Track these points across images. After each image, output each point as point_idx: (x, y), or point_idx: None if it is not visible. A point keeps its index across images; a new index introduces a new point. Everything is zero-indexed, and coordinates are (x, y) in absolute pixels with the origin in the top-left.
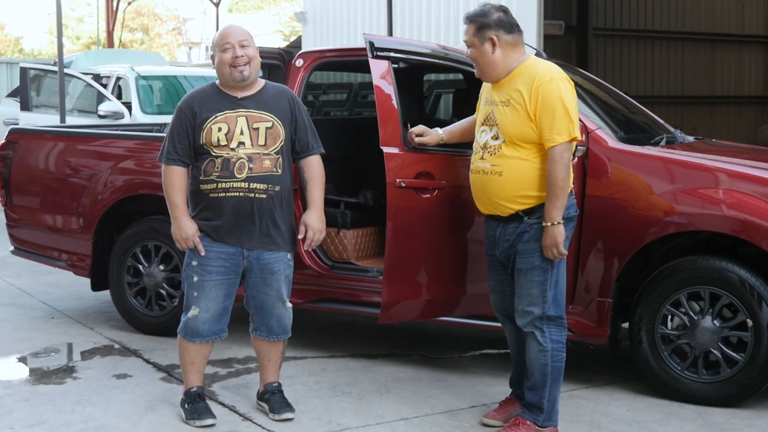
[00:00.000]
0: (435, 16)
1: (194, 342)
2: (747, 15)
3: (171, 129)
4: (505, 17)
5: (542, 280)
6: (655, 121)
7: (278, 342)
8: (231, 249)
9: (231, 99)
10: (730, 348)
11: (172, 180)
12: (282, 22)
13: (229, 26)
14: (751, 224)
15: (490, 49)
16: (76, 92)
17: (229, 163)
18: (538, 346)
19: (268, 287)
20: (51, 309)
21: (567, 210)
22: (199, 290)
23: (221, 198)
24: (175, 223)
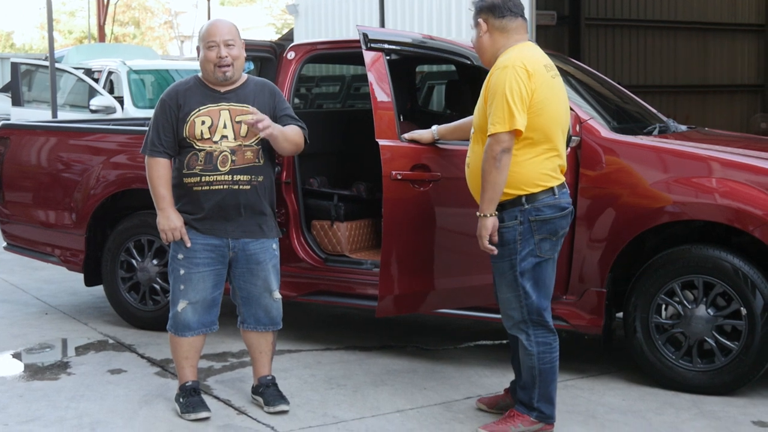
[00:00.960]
0: (427, 8)
1: (185, 336)
2: (739, 3)
3: (155, 121)
4: (498, 1)
5: (515, 286)
6: (647, 111)
7: (267, 333)
8: (216, 240)
9: (214, 93)
10: (724, 336)
11: (158, 172)
12: (274, 15)
13: (215, 22)
14: (744, 213)
15: (479, 33)
16: (67, 87)
17: (212, 156)
18: (525, 349)
19: (255, 277)
20: (44, 305)
21: (540, 211)
22: (186, 283)
23: (205, 191)
24: (162, 214)
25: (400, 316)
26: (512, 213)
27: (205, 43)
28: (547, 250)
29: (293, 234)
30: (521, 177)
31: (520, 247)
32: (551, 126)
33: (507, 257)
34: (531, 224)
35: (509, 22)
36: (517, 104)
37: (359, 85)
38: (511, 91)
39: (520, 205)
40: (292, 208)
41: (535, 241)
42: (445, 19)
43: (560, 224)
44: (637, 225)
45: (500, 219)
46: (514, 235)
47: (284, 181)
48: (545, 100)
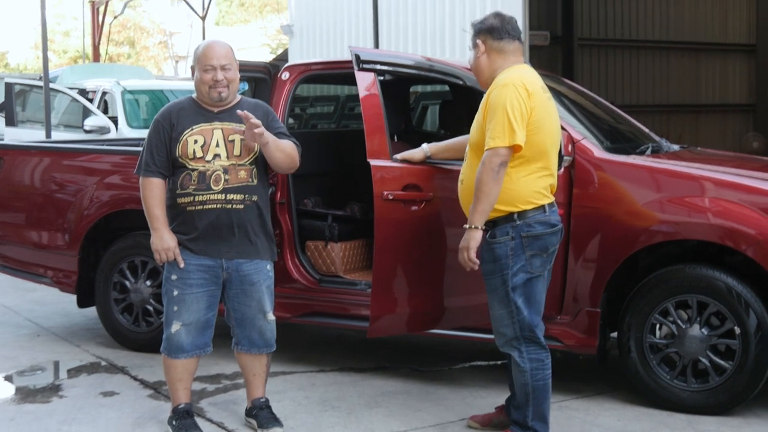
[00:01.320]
0: (421, 29)
1: (179, 358)
2: (730, 24)
3: (149, 142)
4: (497, 23)
5: (507, 302)
6: (640, 130)
7: (261, 356)
8: (210, 261)
9: (207, 113)
10: (718, 356)
11: (152, 192)
12: (269, 35)
13: (212, 45)
14: (737, 232)
15: (477, 54)
16: (61, 107)
17: (204, 175)
18: (517, 367)
19: (249, 299)
20: (37, 326)
21: (531, 227)
22: (179, 304)
23: (199, 211)
24: (156, 234)
25: (393, 337)
26: (504, 229)
27: (201, 66)
28: (537, 267)
29: (287, 254)
30: (515, 194)
31: (511, 262)
32: (547, 145)
33: (499, 273)
34: (522, 240)
35: (507, 44)
36: (518, 120)
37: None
38: (512, 107)
39: (512, 222)
40: (286, 228)
41: (527, 257)
42: (439, 39)
43: (550, 241)
44: (631, 244)
45: (492, 235)
46: (505, 251)
47: (278, 201)
48: (542, 120)
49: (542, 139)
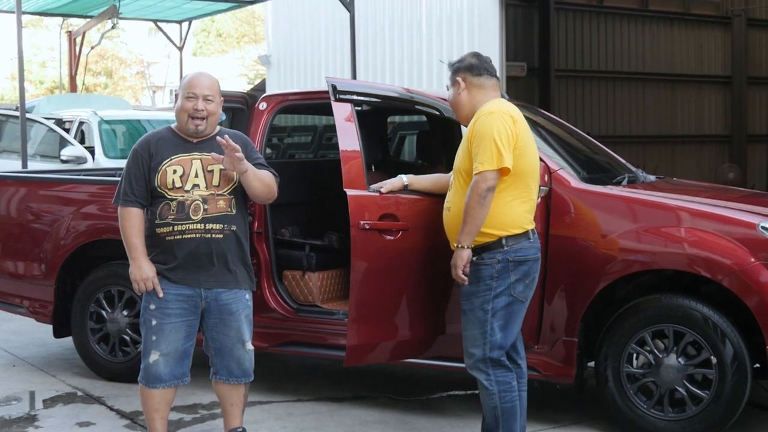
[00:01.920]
0: (399, 60)
1: (156, 388)
2: (705, 56)
3: (127, 171)
4: (476, 61)
5: (483, 321)
6: (617, 161)
7: (239, 385)
8: (189, 291)
9: (186, 143)
10: (695, 385)
11: (130, 221)
12: (246, 66)
13: (199, 76)
14: (713, 262)
15: (457, 90)
16: (38, 137)
17: (183, 205)
18: (485, 390)
19: (228, 328)
20: (12, 357)
21: (517, 252)
22: (157, 334)
23: (178, 240)
24: (134, 264)
25: (371, 366)
26: (492, 254)
27: (184, 93)
28: (520, 291)
29: (265, 284)
30: (504, 219)
31: (495, 284)
32: (530, 170)
33: (482, 293)
34: (509, 264)
35: (486, 80)
36: (505, 145)
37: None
38: (498, 133)
39: (500, 247)
40: (264, 257)
41: (511, 281)
42: (416, 70)
43: (533, 267)
44: (608, 274)
45: (480, 258)
46: (491, 273)
47: (256, 231)
48: (525, 146)
49: (526, 164)
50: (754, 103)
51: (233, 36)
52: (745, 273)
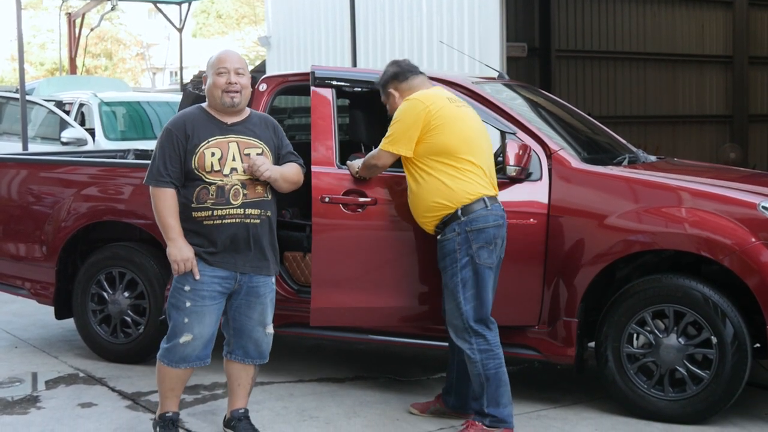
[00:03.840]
0: (399, 40)
1: (179, 368)
2: (707, 36)
3: (161, 151)
4: (398, 68)
5: (455, 293)
6: (617, 141)
7: (250, 366)
8: (225, 273)
9: (221, 124)
10: (695, 365)
11: (166, 202)
12: (246, 47)
13: (227, 52)
14: (714, 242)
15: (394, 101)
16: (38, 119)
17: (223, 190)
18: (469, 358)
19: (252, 310)
20: (14, 338)
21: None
22: (191, 316)
23: (217, 225)
24: (173, 244)
25: (372, 347)
26: (452, 227)
27: (215, 70)
28: (485, 258)
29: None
30: (453, 192)
31: (459, 255)
32: (455, 145)
33: (449, 267)
34: (468, 234)
35: (412, 80)
36: (399, 130)
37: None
38: (400, 117)
39: (457, 219)
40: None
41: (474, 250)
42: (417, 50)
43: (495, 233)
44: (608, 255)
45: (441, 233)
46: (453, 246)
47: None
48: (445, 124)
49: (448, 139)
50: (756, 83)
51: (233, 17)
52: (746, 253)
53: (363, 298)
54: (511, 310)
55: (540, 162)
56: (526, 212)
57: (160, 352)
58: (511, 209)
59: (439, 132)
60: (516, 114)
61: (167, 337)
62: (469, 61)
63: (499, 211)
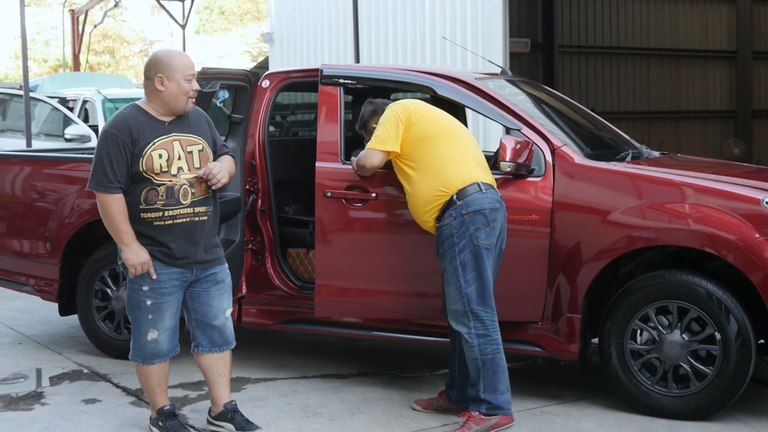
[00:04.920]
0: (402, 36)
1: (154, 364)
2: (710, 31)
3: (107, 156)
4: (372, 107)
5: (455, 276)
6: (621, 137)
7: (224, 353)
8: (180, 270)
9: (161, 124)
10: (699, 361)
11: (117, 208)
12: (249, 43)
13: (186, 56)
14: (717, 238)
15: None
16: (42, 116)
17: (173, 190)
18: (467, 343)
19: (211, 298)
20: (18, 334)
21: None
22: (154, 312)
23: (168, 225)
24: (129, 249)
25: (375, 343)
26: (449, 212)
27: (183, 75)
28: (483, 239)
29: (269, 262)
30: (448, 179)
31: (457, 239)
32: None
33: (448, 251)
34: (464, 217)
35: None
36: (383, 129)
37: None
38: (389, 118)
39: (453, 204)
40: (268, 236)
41: (471, 232)
42: (420, 47)
43: (492, 216)
44: (612, 250)
45: (439, 219)
46: (450, 231)
47: (260, 209)
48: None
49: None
50: (760, 78)
51: (236, 13)
52: (750, 249)
53: (365, 290)
54: (515, 306)
55: (543, 158)
56: (529, 208)
57: (131, 353)
58: (514, 205)
59: (420, 124)
60: (519, 110)
61: (133, 338)
62: (472, 57)
63: (495, 195)
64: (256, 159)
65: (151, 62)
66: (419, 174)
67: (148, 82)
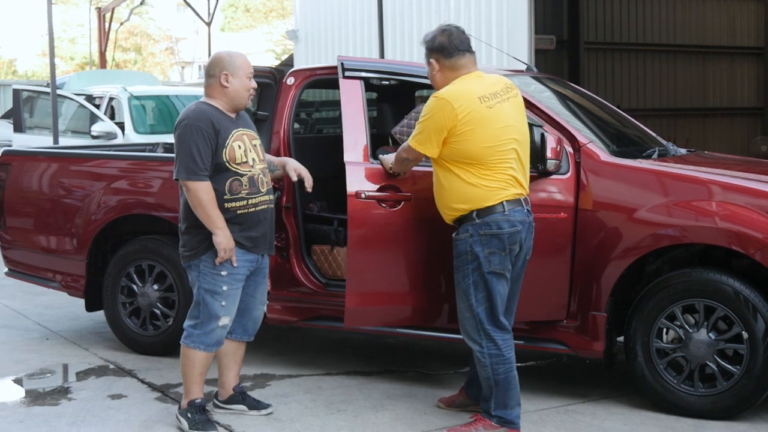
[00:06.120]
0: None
1: (211, 351)
2: (738, 27)
3: (195, 146)
4: (447, 41)
5: (467, 294)
6: (647, 134)
7: (244, 343)
8: (253, 256)
9: (230, 119)
10: (725, 360)
11: (208, 194)
12: (274, 41)
13: (243, 55)
14: (745, 236)
15: (432, 71)
16: (69, 113)
17: (254, 179)
18: (479, 362)
19: (257, 290)
20: (46, 330)
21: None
22: (227, 299)
23: (251, 213)
24: (222, 233)
25: (399, 341)
26: (465, 227)
27: (245, 73)
28: (496, 264)
29: (293, 259)
30: (471, 194)
31: (470, 258)
32: (482, 152)
33: (460, 268)
34: (481, 238)
35: (458, 59)
36: (431, 134)
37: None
38: (428, 120)
39: (471, 220)
40: (293, 232)
41: (485, 254)
42: None
43: (510, 239)
44: (637, 249)
45: (456, 232)
46: (465, 248)
47: (284, 205)
48: (473, 129)
49: (473, 146)
50: None
51: (261, 11)
52: None
53: (401, 298)
54: (540, 304)
55: (568, 155)
56: (554, 206)
57: (190, 338)
58: (539, 203)
59: (464, 138)
60: (544, 107)
61: (201, 322)
62: (498, 53)
63: (519, 216)
64: (280, 156)
65: (215, 61)
66: (449, 180)
67: (213, 80)
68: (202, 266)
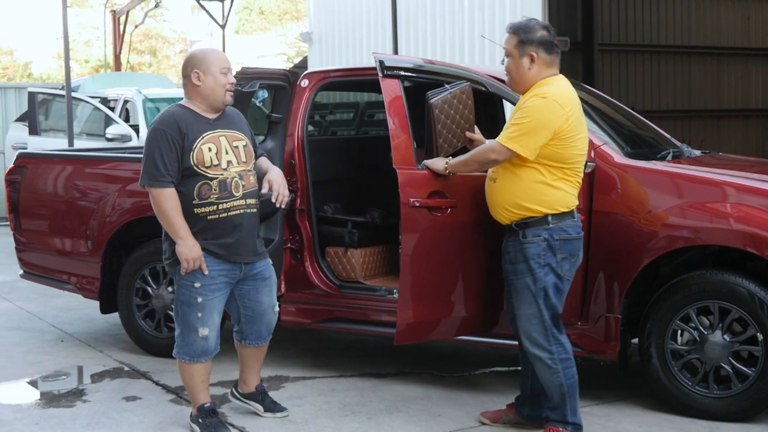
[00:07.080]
0: (440, 35)
1: (201, 362)
2: (752, 28)
3: (158, 151)
4: (547, 36)
5: (535, 302)
6: (661, 136)
7: (266, 344)
8: (230, 265)
9: (206, 121)
10: (740, 362)
11: (171, 202)
12: (288, 43)
13: (219, 51)
14: (760, 237)
15: (527, 64)
16: (84, 116)
17: (225, 183)
18: (549, 369)
19: (261, 294)
20: (61, 332)
21: (562, 231)
22: (203, 310)
23: (222, 218)
24: (184, 243)
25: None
26: (537, 231)
27: (218, 68)
28: (566, 270)
29: (307, 260)
30: (552, 198)
31: (543, 262)
32: (578, 156)
33: (528, 273)
34: (555, 243)
35: (555, 57)
36: (529, 129)
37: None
38: (532, 117)
39: (545, 224)
40: (307, 234)
41: (557, 260)
42: (458, 45)
43: (577, 245)
44: (652, 250)
45: (524, 235)
46: (537, 251)
47: (298, 208)
48: (575, 135)
49: (575, 150)
50: None
51: (275, 13)
52: None
53: (456, 309)
54: None
55: None
56: None
57: (176, 351)
58: None
59: (565, 143)
60: None
61: (181, 334)
62: None
63: (581, 222)
64: (294, 158)
65: (186, 61)
66: (525, 179)
67: (186, 80)
68: (177, 277)
